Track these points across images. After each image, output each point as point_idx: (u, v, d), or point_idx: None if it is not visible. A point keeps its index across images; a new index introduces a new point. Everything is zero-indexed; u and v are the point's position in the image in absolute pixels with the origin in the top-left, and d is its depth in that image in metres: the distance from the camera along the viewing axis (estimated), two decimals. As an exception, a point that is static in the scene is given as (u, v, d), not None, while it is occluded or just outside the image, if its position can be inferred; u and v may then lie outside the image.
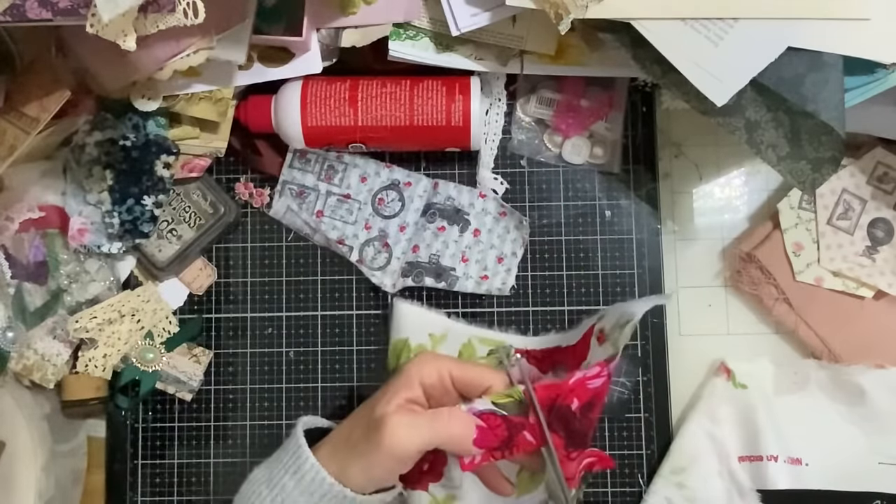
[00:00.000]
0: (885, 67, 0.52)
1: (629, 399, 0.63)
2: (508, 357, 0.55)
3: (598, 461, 0.50)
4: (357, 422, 0.49)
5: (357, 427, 0.48)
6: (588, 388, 0.48)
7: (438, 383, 0.49)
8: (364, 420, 0.48)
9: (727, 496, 0.61)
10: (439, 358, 0.50)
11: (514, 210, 0.64)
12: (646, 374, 0.63)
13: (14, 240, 0.60)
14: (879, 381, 0.60)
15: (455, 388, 0.49)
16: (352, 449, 0.47)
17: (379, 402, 0.48)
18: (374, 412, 0.47)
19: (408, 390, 0.48)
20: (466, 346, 0.61)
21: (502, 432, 0.47)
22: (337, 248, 0.65)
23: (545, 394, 0.48)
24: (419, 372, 0.48)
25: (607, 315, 0.53)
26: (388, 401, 0.47)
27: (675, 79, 0.52)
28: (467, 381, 0.49)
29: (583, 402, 0.48)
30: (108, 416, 0.66)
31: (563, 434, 0.47)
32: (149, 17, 0.45)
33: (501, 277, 0.64)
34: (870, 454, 0.61)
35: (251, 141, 0.65)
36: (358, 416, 0.50)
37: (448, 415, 0.46)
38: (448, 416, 0.46)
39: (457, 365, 0.49)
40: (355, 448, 0.47)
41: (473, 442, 0.46)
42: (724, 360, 0.63)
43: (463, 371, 0.49)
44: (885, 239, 0.63)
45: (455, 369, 0.49)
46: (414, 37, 0.60)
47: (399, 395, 0.48)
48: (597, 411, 0.49)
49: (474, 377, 0.49)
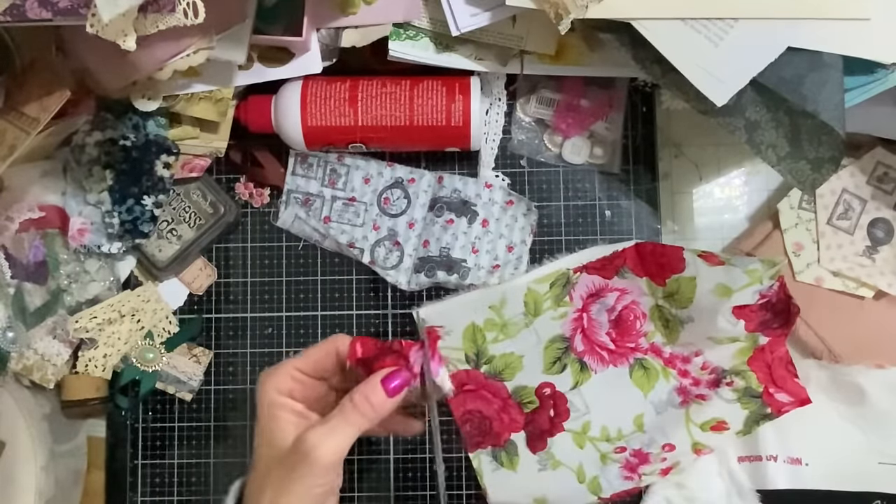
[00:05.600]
0: (885, 67, 0.52)
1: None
2: (569, 280, 0.58)
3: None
4: (264, 465, 0.47)
5: (271, 466, 0.46)
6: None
7: (294, 383, 0.48)
8: (269, 460, 0.46)
9: (727, 496, 0.61)
10: (279, 365, 0.49)
11: (522, 197, 0.64)
12: (646, 374, 0.63)
13: (14, 240, 0.60)
14: (879, 381, 0.60)
15: (312, 375, 0.49)
16: (278, 487, 0.45)
17: (271, 437, 0.47)
18: (275, 446, 0.46)
19: (275, 409, 0.47)
20: (528, 294, 0.61)
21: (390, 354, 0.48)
22: (348, 251, 0.65)
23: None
24: (270, 388, 0.47)
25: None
26: (280, 427, 0.46)
27: (675, 79, 0.52)
28: (314, 363, 0.49)
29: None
30: (108, 416, 0.66)
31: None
32: (149, 17, 0.45)
33: (513, 266, 0.64)
34: (870, 454, 0.61)
35: (252, 153, 0.65)
36: (261, 463, 0.47)
37: (350, 401, 0.46)
38: (351, 401, 0.46)
39: (296, 360, 0.49)
40: (282, 485, 0.45)
41: (388, 392, 0.47)
42: (724, 360, 0.63)
43: (305, 359, 0.49)
44: (885, 239, 0.63)
45: (297, 363, 0.49)
46: (414, 37, 0.60)
47: (281, 418, 0.47)
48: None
49: (317, 355, 0.49)
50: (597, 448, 0.61)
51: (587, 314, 0.61)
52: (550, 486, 0.60)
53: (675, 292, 0.58)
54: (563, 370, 0.61)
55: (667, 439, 0.60)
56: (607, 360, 0.61)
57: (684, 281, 0.57)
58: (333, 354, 0.50)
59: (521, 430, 0.61)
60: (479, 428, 0.61)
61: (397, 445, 0.65)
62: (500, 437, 0.61)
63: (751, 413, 0.59)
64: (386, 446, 0.65)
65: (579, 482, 0.60)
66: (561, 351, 0.61)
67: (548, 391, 0.61)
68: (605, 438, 0.61)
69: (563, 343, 0.61)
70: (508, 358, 0.61)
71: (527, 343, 0.61)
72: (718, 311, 0.56)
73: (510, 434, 0.61)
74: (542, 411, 0.61)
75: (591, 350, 0.61)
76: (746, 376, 0.58)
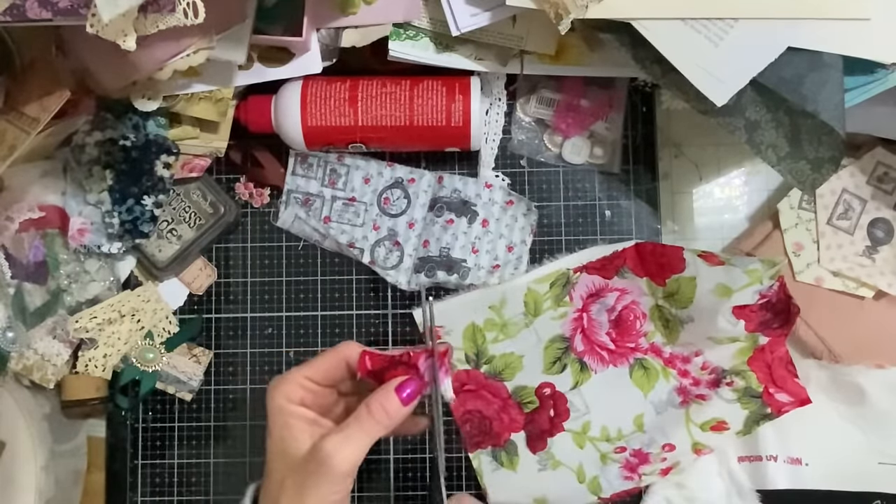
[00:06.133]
0: (885, 67, 0.52)
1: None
2: (569, 280, 0.58)
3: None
4: (279, 470, 0.47)
5: (286, 475, 0.46)
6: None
7: (305, 391, 0.48)
8: (283, 468, 0.46)
9: (727, 496, 0.61)
10: (289, 373, 0.49)
11: (522, 197, 0.64)
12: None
13: (14, 240, 0.60)
14: (879, 381, 0.60)
15: (322, 383, 0.49)
16: (294, 495, 0.45)
17: (284, 445, 0.47)
18: (290, 454, 0.46)
19: (288, 417, 0.47)
20: (528, 294, 0.62)
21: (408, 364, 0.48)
22: (348, 251, 0.65)
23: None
24: (281, 396, 0.47)
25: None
26: (293, 436, 0.46)
27: (675, 79, 0.52)
28: (324, 371, 0.49)
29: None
30: (108, 416, 0.66)
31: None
32: (149, 17, 0.45)
33: (513, 266, 0.64)
34: (870, 454, 0.61)
35: (252, 153, 0.65)
36: (276, 471, 0.47)
37: (367, 409, 0.46)
38: (367, 409, 0.46)
39: (306, 368, 0.49)
40: (299, 492, 0.45)
41: (403, 401, 0.47)
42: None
43: (315, 367, 0.49)
44: (885, 239, 0.63)
45: (308, 372, 0.48)
46: (414, 37, 0.60)
47: (295, 426, 0.47)
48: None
49: (328, 364, 0.49)
50: (597, 448, 0.61)
51: (587, 314, 0.62)
52: (550, 486, 0.60)
53: (675, 292, 0.58)
54: (563, 370, 0.61)
55: (667, 439, 0.60)
56: (607, 360, 0.61)
57: (684, 281, 0.57)
58: (343, 363, 0.49)
59: (521, 430, 0.61)
60: (479, 428, 0.61)
61: (397, 445, 0.65)
62: (500, 437, 0.61)
63: (751, 413, 0.59)
64: (386, 446, 0.65)
65: (579, 482, 0.61)
66: (561, 351, 0.61)
67: (548, 391, 0.61)
68: (605, 438, 0.61)
69: (563, 343, 0.61)
70: (508, 358, 0.62)
71: (527, 343, 0.61)
72: (718, 311, 0.56)
73: (510, 434, 0.61)
74: (542, 411, 0.61)
75: (591, 350, 0.61)
76: (746, 376, 0.58)
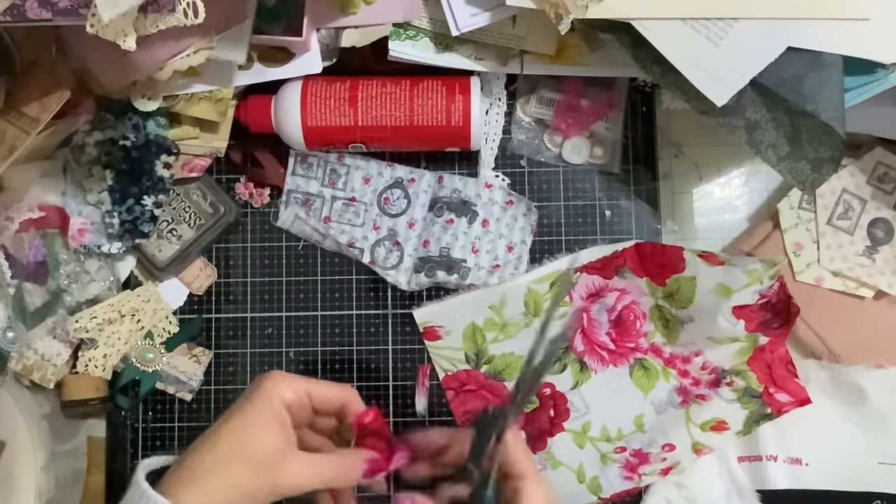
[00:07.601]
0: (885, 67, 0.52)
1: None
2: (570, 280, 0.59)
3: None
4: (223, 451, 0.45)
5: (229, 460, 0.44)
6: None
7: (298, 402, 0.47)
8: (230, 449, 0.44)
9: (727, 496, 0.61)
10: (295, 378, 0.48)
11: (522, 197, 0.64)
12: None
13: (14, 240, 0.60)
14: (879, 381, 0.60)
15: (312, 405, 0.48)
16: (225, 482, 0.43)
17: (249, 434, 0.45)
18: (250, 446, 0.44)
19: (273, 413, 0.46)
20: (528, 294, 0.62)
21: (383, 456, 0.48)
22: (348, 251, 0.65)
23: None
24: (279, 392, 0.47)
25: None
26: (261, 433, 0.45)
27: (675, 79, 0.52)
28: (323, 397, 0.48)
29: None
30: (108, 416, 0.66)
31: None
32: (149, 17, 0.45)
33: (513, 266, 0.64)
34: (870, 454, 0.61)
35: (252, 153, 0.65)
36: (222, 446, 0.45)
37: (340, 455, 0.47)
38: (340, 459, 0.46)
39: (312, 384, 0.48)
40: (238, 484, 0.43)
41: (363, 472, 0.46)
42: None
43: (318, 388, 0.48)
44: (885, 239, 0.63)
45: (311, 388, 0.48)
46: (414, 37, 0.60)
47: (273, 426, 0.45)
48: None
49: (330, 393, 0.48)
50: (597, 448, 0.61)
51: (587, 314, 0.62)
52: (550, 486, 0.60)
53: (675, 292, 0.58)
54: (563, 370, 0.61)
55: (667, 439, 0.60)
56: (607, 360, 0.61)
57: (684, 281, 0.57)
58: (340, 402, 0.49)
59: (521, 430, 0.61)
60: None
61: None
62: None
63: (751, 413, 0.59)
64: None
65: (579, 482, 0.61)
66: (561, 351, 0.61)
67: (548, 391, 0.61)
68: (606, 438, 0.61)
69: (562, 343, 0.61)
70: (508, 358, 0.62)
71: (527, 343, 0.61)
72: (718, 311, 0.56)
73: None
74: (542, 411, 0.61)
75: (591, 350, 0.62)
76: (746, 376, 0.58)
